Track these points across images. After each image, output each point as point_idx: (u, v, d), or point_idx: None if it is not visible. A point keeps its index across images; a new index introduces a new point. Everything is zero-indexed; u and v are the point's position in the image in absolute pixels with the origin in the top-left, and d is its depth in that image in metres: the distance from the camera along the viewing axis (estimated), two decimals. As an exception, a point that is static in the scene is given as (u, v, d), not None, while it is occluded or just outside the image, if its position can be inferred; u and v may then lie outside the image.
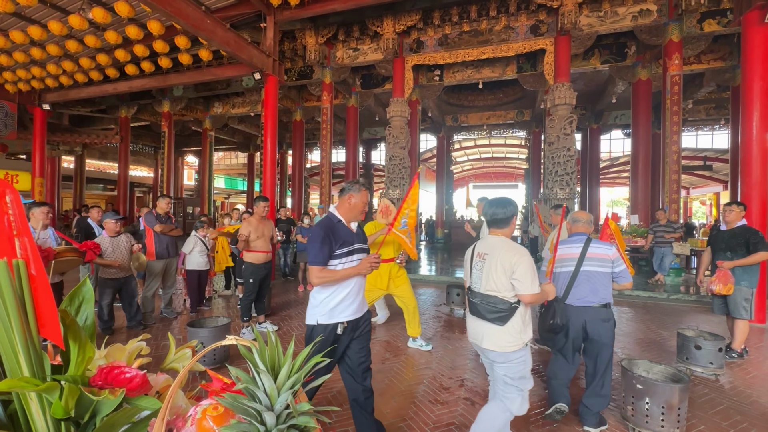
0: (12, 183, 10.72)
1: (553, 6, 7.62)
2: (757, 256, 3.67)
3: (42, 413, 0.60)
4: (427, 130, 16.65)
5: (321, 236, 2.03)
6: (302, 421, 0.56)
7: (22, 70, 8.70)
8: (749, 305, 3.75)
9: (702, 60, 8.88)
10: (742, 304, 3.76)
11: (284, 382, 0.57)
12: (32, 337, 0.58)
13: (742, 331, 3.84)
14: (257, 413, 0.56)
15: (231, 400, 0.57)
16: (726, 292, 3.75)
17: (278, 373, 0.58)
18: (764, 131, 5.46)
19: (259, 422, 0.55)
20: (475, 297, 2.09)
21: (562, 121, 7.83)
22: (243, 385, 0.58)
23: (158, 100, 12.65)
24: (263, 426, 0.55)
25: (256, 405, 0.56)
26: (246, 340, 0.65)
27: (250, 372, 0.61)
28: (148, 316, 4.92)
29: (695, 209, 26.83)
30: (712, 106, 12.65)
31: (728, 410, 2.86)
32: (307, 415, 0.57)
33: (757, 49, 5.53)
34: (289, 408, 0.56)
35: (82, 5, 6.50)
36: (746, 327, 3.84)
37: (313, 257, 2.02)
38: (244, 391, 0.58)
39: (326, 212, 2.30)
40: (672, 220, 7.46)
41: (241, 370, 0.63)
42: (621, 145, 21.12)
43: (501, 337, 2.00)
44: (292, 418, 0.56)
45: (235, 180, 28.30)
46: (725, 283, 3.74)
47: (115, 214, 4.46)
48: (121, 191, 13.40)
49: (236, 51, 6.96)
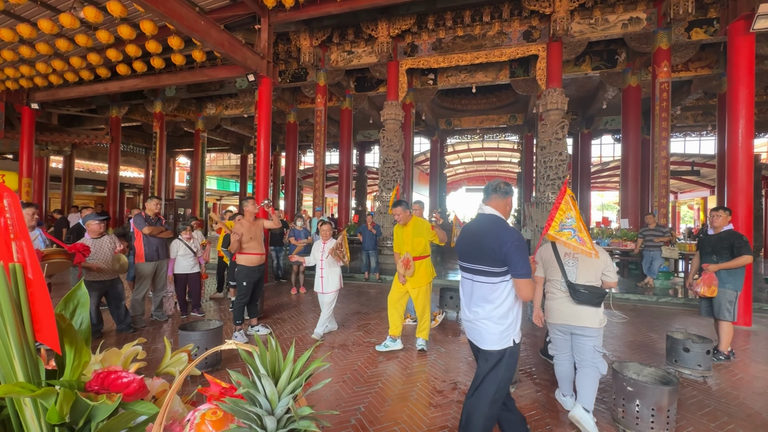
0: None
1: (545, 12, 7.74)
2: (740, 260, 3.79)
3: (36, 419, 0.59)
4: (420, 134, 16.74)
5: (524, 245, 1.98)
6: (303, 425, 0.56)
7: (10, 69, 8.55)
8: (732, 307, 3.85)
9: (690, 67, 9.07)
10: (725, 306, 3.86)
11: (285, 387, 0.57)
12: (28, 342, 0.57)
13: (726, 332, 3.93)
14: (258, 417, 0.56)
15: (232, 404, 0.57)
16: (710, 294, 3.87)
17: (279, 377, 0.58)
18: (750, 138, 5.59)
19: (260, 426, 0.55)
20: (578, 288, 2.61)
21: (554, 126, 7.93)
22: (244, 390, 0.58)
23: (150, 101, 12.53)
24: (264, 430, 0.55)
25: (257, 409, 0.56)
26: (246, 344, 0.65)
27: (249, 376, 0.61)
28: (139, 320, 4.85)
29: (683, 213, 27.30)
30: (700, 112, 12.92)
31: (716, 412, 2.91)
32: (308, 419, 0.57)
33: (742, 58, 5.68)
34: (289, 412, 0.56)
35: (74, 4, 6.42)
36: (730, 328, 3.93)
37: (526, 269, 1.91)
38: (245, 395, 0.58)
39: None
40: (661, 224, 7.58)
41: (240, 374, 0.63)
42: (611, 149, 21.43)
43: (596, 317, 2.60)
44: (293, 422, 0.57)
45: (227, 181, 28.10)
46: (709, 285, 3.86)
47: (97, 216, 4.38)
48: (111, 192, 13.22)
49: (230, 52, 6.92)
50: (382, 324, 5.03)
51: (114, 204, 13.11)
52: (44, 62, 8.28)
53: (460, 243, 2.23)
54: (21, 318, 0.56)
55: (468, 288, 2.16)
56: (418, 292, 4.04)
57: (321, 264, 4.46)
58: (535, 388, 3.25)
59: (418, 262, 3.99)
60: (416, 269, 3.98)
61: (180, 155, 21.81)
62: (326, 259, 4.44)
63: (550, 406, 2.95)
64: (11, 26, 6.96)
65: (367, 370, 3.60)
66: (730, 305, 3.85)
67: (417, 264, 3.98)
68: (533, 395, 3.13)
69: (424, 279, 4.03)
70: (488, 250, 1.98)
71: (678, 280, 8.17)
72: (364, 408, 2.88)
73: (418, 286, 4.02)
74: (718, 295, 3.88)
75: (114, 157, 13.13)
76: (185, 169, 24.95)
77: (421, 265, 4.02)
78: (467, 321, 2.16)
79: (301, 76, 10.17)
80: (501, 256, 1.94)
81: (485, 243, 2.00)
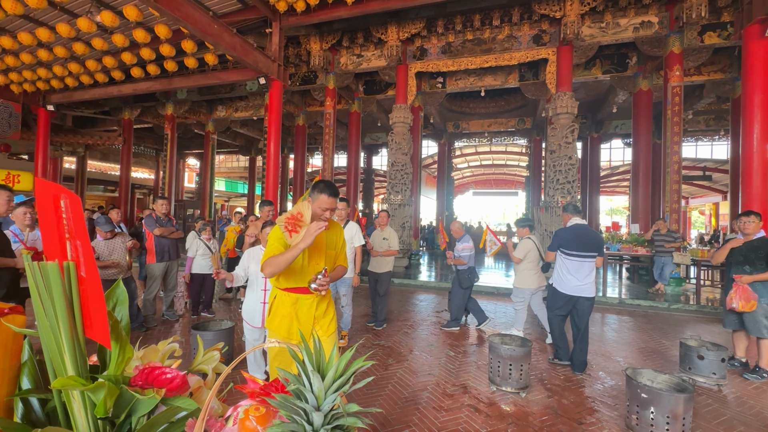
0: (14, 183, 10.67)
1: (555, 16, 7.73)
2: None
3: (84, 412, 0.61)
4: (428, 137, 16.75)
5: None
6: (349, 422, 0.58)
7: (28, 71, 8.74)
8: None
9: (702, 71, 8.98)
10: (763, 322, 3.54)
11: (331, 384, 0.59)
12: (78, 338, 0.59)
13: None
14: (305, 413, 0.57)
15: (281, 400, 0.59)
16: (749, 309, 3.55)
17: (324, 375, 0.59)
18: (765, 143, 5.52)
19: (307, 422, 0.57)
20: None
21: (564, 130, 7.90)
22: (294, 386, 0.60)
23: (162, 103, 12.72)
24: (310, 426, 0.56)
25: (305, 405, 0.57)
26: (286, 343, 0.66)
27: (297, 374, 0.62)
28: (150, 319, 4.91)
29: (694, 219, 26.92)
30: (712, 117, 12.77)
31: (732, 421, 2.86)
32: (355, 416, 0.58)
33: (757, 63, 5.61)
34: (335, 409, 0.58)
35: (91, 8, 6.56)
36: None
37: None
38: (294, 392, 0.60)
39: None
40: (672, 230, 7.49)
41: (288, 372, 0.64)
42: (621, 154, 21.24)
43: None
44: (339, 419, 0.58)
45: (235, 183, 28.33)
46: (747, 300, 3.53)
47: (107, 220, 4.39)
48: (123, 193, 13.42)
49: (242, 55, 7.02)
50: (393, 326, 5.03)
51: (125, 204, 13.30)
52: (61, 65, 8.46)
53: (571, 240, 3.75)
54: (72, 314, 0.58)
55: (577, 266, 3.72)
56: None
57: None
58: (547, 394, 3.23)
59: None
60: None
61: (190, 157, 22.05)
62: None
63: (561, 412, 2.93)
64: (30, 30, 7.12)
65: (376, 372, 3.60)
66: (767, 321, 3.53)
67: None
68: (545, 401, 3.11)
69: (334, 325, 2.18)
70: (596, 244, 3.72)
71: (690, 287, 8.05)
72: (373, 414, 2.89)
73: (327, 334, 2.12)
74: (755, 311, 3.56)
75: (126, 158, 13.33)
76: (194, 171, 25.23)
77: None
78: (578, 285, 3.69)
79: (310, 79, 10.25)
80: (599, 247, 3.73)
81: (594, 240, 3.74)
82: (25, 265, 0.58)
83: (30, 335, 0.69)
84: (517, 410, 2.95)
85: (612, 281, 8.86)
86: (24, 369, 0.70)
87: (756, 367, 3.71)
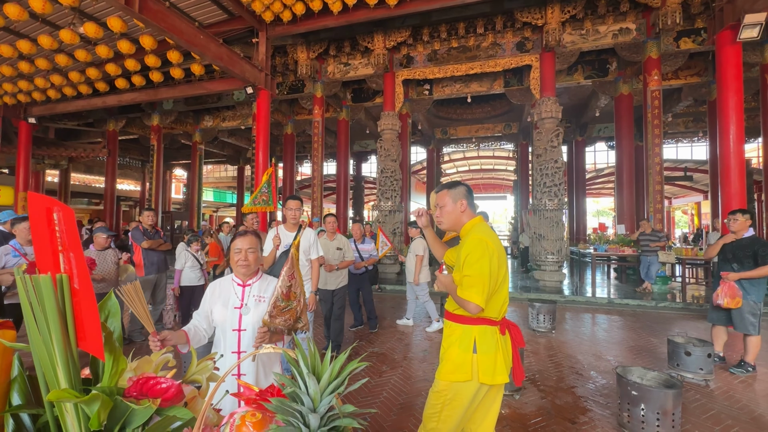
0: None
1: (537, 24, 7.92)
2: (766, 269, 3.53)
3: (77, 425, 0.61)
4: (417, 143, 16.88)
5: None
6: (346, 423, 0.59)
7: (8, 84, 8.59)
8: (757, 320, 3.62)
9: (680, 75, 9.28)
10: (749, 319, 3.62)
11: (326, 386, 0.59)
12: (71, 350, 0.59)
13: (755, 345, 3.71)
14: (301, 416, 0.58)
15: (277, 404, 0.59)
16: (734, 306, 3.62)
17: (320, 377, 0.60)
18: (741, 143, 5.72)
19: (304, 424, 0.57)
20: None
21: (549, 134, 8.05)
22: (290, 389, 0.60)
23: (147, 114, 12.58)
24: (307, 428, 0.57)
25: (301, 407, 0.58)
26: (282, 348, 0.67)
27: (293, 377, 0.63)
28: (137, 333, 4.82)
29: (677, 218, 27.54)
30: (691, 119, 13.17)
31: (719, 415, 2.93)
32: (351, 417, 0.59)
33: (730, 66, 5.84)
34: (331, 410, 0.59)
35: (74, 20, 6.50)
36: (759, 341, 3.72)
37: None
38: (290, 395, 0.60)
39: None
40: (657, 230, 7.66)
41: (284, 376, 0.65)
42: (605, 156, 21.68)
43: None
44: (335, 420, 0.59)
45: (224, 193, 28.06)
46: (733, 296, 3.61)
47: (106, 230, 4.43)
48: (108, 205, 13.18)
49: (229, 66, 7.02)
50: (386, 332, 5.02)
51: (111, 217, 13.04)
52: (43, 77, 8.33)
53: None
54: (65, 327, 0.58)
55: None
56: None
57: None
58: (540, 395, 3.26)
59: None
60: None
61: (177, 167, 21.80)
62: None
63: (555, 412, 2.96)
64: (11, 42, 7.02)
65: (370, 380, 3.59)
66: (754, 318, 3.61)
67: None
68: (538, 402, 3.14)
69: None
70: None
71: (675, 285, 8.23)
72: (370, 417, 2.87)
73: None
74: (741, 307, 3.63)
75: (111, 170, 13.12)
76: (182, 181, 24.92)
77: None
78: None
79: (298, 88, 10.28)
80: None
81: None
82: (17, 279, 0.58)
83: (21, 350, 0.68)
84: (512, 412, 2.97)
85: (600, 281, 9.00)
86: (14, 385, 0.69)
87: (741, 362, 3.81)
